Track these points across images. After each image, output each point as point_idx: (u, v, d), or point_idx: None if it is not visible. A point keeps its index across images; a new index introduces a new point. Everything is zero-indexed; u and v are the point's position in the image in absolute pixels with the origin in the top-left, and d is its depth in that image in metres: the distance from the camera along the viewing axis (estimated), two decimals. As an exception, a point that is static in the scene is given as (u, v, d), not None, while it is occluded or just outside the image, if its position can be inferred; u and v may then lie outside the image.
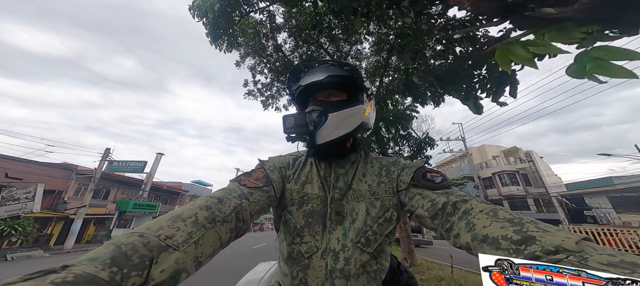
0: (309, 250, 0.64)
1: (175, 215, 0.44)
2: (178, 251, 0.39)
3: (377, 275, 0.65)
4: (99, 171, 17.22)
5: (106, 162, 18.03)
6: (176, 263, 0.38)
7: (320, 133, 0.69)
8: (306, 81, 0.75)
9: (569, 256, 0.34)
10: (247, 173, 0.69)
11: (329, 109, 0.71)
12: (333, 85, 0.75)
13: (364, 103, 0.76)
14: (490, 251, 0.42)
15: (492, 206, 0.51)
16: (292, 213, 0.69)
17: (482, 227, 0.45)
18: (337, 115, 0.70)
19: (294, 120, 0.68)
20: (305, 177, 0.75)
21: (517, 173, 24.00)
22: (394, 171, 0.72)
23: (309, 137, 0.69)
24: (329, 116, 0.69)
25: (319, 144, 0.70)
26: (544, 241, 0.37)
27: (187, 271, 0.39)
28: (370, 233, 0.64)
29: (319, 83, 0.73)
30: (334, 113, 0.70)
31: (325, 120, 0.69)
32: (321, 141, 0.69)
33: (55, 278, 0.27)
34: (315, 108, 0.72)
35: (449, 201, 0.55)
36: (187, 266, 0.39)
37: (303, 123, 0.68)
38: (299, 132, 0.68)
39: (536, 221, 0.43)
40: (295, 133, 0.69)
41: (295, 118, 0.69)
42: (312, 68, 0.81)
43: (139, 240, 0.37)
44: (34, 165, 15.30)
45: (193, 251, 0.41)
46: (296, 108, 0.87)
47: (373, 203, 0.68)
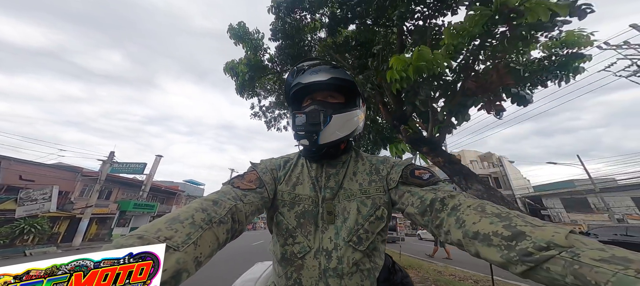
0: (301, 250, 0.64)
1: (172, 218, 0.45)
2: (178, 252, 0.40)
3: (371, 273, 0.64)
4: (104, 173, 18.30)
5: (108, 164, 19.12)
6: (177, 263, 0.38)
7: (324, 134, 0.69)
8: (308, 79, 0.73)
9: (561, 252, 0.35)
10: (239, 175, 0.70)
11: (333, 110, 0.71)
12: (333, 87, 0.75)
13: (359, 108, 0.77)
14: (482, 248, 0.43)
15: (480, 201, 0.51)
16: (283, 214, 0.69)
17: (472, 223, 0.46)
18: (340, 117, 0.71)
19: (306, 117, 0.69)
20: (296, 178, 0.75)
21: (489, 176, 26.73)
22: (383, 169, 0.74)
23: (315, 136, 0.69)
24: (333, 117, 0.70)
25: (321, 144, 0.70)
26: (535, 237, 0.38)
27: (188, 271, 0.40)
28: (362, 231, 0.64)
29: (321, 84, 0.72)
30: (337, 115, 0.70)
31: (330, 121, 0.69)
32: (324, 141, 0.70)
33: None
34: (319, 107, 0.71)
35: (436, 197, 0.56)
36: (187, 266, 0.40)
37: (316, 122, 0.68)
38: (309, 130, 0.69)
39: (523, 215, 0.44)
40: (306, 131, 0.69)
41: (308, 115, 0.69)
42: (314, 67, 0.79)
43: (139, 241, 0.38)
44: (44, 168, 16.31)
45: (192, 251, 0.42)
46: (289, 105, 0.86)
47: (364, 202, 0.68)
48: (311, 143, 0.71)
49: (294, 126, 0.71)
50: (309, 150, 0.77)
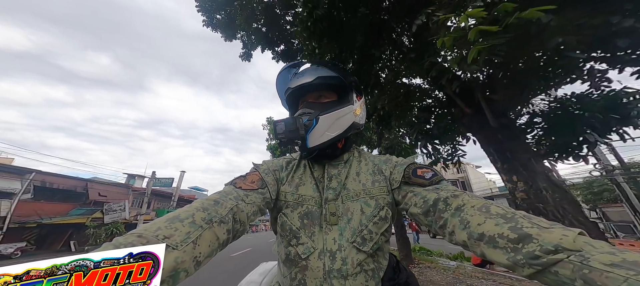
0: (305, 251, 0.64)
1: (172, 217, 0.45)
2: (177, 251, 0.39)
3: (375, 273, 0.64)
4: (149, 188, 23.57)
5: (146, 180, 24.35)
6: (175, 261, 0.38)
7: (312, 137, 0.70)
8: (295, 83, 0.75)
9: (569, 256, 0.34)
10: (242, 176, 0.69)
11: (319, 111, 0.71)
12: (323, 86, 0.75)
13: (353, 103, 0.76)
14: (488, 250, 0.43)
15: (484, 201, 0.50)
16: (287, 215, 0.69)
17: (477, 225, 0.45)
18: (327, 117, 0.71)
19: (285, 125, 0.69)
20: (299, 179, 0.75)
21: (458, 181, 32.80)
22: (386, 169, 0.73)
23: (301, 141, 0.70)
24: (319, 119, 0.70)
25: (310, 147, 0.71)
26: (542, 240, 0.37)
27: (186, 271, 0.40)
28: (366, 232, 0.64)
29: (309, 85, 0.73)
30: (324, 115, 0.71)
31: (316, 123, 0.70)
32: (313, 144, 0.70)
33: None
34: (305, 111, 0.72)
35: (439, 197, 0.55)
36: (186, 266, 0.40)
37: (294, 129, 0.69)
38: (290, 137, 0.69)
39: (529, 216, 0.43)
40: (286, 139, 0.70)
41: (286, 123, 0.70)
42: (301, 68, 0.79)
43: (138, 240, 0.38)
44: (110, 186, 21.55)
45: (191, 251, 0.41)
46: (287, 110, 0.87)
47: (367, 202, 0.68)
48: (301, 148, 0.74)
49: (275, 135, 0.71)
50: (301, 154, 0.78)
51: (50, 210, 15.69)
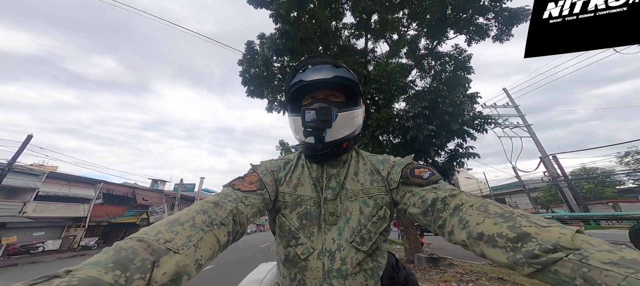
0: (305, 251, 0.64)
1: (172, 220, 0.45)
2: (178, 254, 0.39)
3: (374, 272, 0.64)
4: (179, 193, 27.73)
5: (174, 185, 28.47)
6: (177, 265, 0.38)
7: (331, 132, 0.69)
8: (311, 77, 0.72)
9: (568, 254, 0.35)
10: (240, 178, 0.69)
11: (337, 108, 0.70)
12: (337, 85, 0.74)
13: (360, 107, 0.77)
14: (487, 249, 0.43)
15: (482, 200, 0.51)
16: (286, 215, 0.69)
17: (476, 224, 0.46)
18: (345, 115, 0.71)
19: (316, 113, 0.67)
20: (297, 179, 0.74)
21: (448, 182, 36.27)
22: (383, 169, 0.73)
23: (323, 134, 0.69)
24: (338, 115, 0.69)
25: (327, 142, 0.70)
26: (540, 239, 0.38)
27: (188, 274, 0.40)
28: (365, 231, 0.64)
29: (324, 82, 0.72)
30: (342, 112, 0.70)
31: (336, 119, 0.69)
32: (330, 139, 0.69)
33: (59, 283, 0.28)
34: (326, 104, 0.70)
35: (438, 197, 0.55)
36: (188, 269, 0.40)
37: (327, 118, 0.67)
38: (319, 126, 0.67)
39: (527, 215, 0.44)
40: (317, 127, 0.68)
41: (317, 111, 0.67)
42: (317, 65, 0.79)
43: (139, 244, 0.37)
44: (148, 191, 25.80)
45: (193, 254, 0.42)
46: (288, 103, 0.84)
47: (366, 202, 0.68)
48: (317, 142, 0.70)
49: (303, 122, 0.69)
50: (314, 148, 0.75)
51: (113, 212, 20.02)
